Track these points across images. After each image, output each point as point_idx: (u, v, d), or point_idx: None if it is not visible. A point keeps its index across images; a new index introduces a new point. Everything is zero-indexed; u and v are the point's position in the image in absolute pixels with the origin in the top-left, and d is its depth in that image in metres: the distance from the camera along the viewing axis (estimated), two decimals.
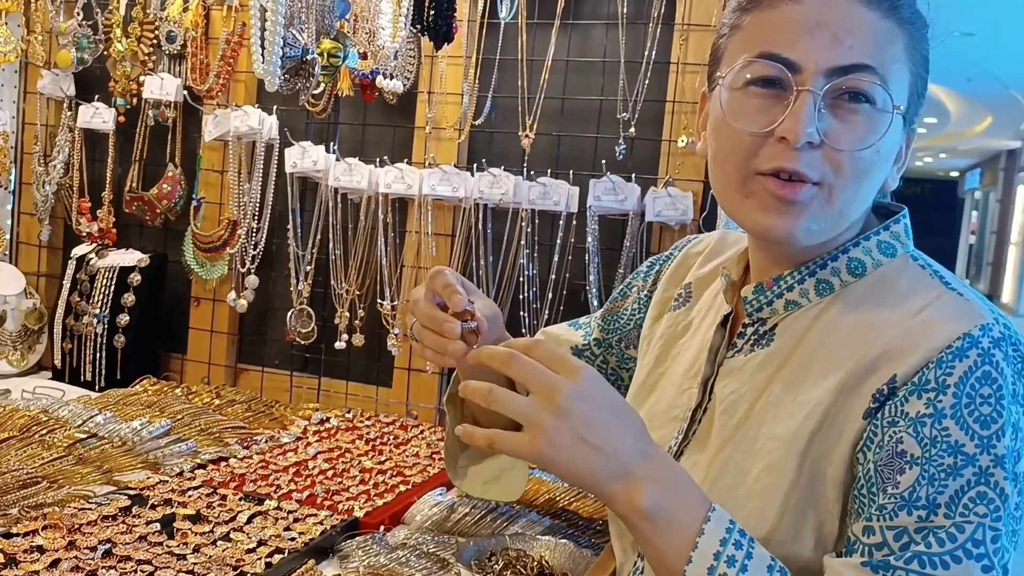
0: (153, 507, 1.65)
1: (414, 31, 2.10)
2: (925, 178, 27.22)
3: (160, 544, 1.51)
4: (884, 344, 0.85)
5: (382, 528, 1.70)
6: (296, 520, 1.67)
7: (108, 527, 1.55)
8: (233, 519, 1.64)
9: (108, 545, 1.48)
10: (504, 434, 0.84)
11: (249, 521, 1.64)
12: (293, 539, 1.58)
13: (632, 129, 2.26)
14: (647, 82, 2.26)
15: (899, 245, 0.94)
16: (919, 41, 0.90)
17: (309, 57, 1.69)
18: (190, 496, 1.73)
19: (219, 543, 1.54)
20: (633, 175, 2.27)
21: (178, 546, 1.51)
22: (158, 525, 1.57)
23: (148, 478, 1.81)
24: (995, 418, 0.80)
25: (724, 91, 0.91)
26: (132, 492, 1.72)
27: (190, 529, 1.57)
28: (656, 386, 1.09)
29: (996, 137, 16.86)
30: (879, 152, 0.87)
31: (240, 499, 1.74)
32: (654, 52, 2.25)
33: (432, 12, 1.78)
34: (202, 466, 1.93)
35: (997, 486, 0.79)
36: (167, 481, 1.80)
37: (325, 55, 1.84)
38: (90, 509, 1.61)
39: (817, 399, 0.87)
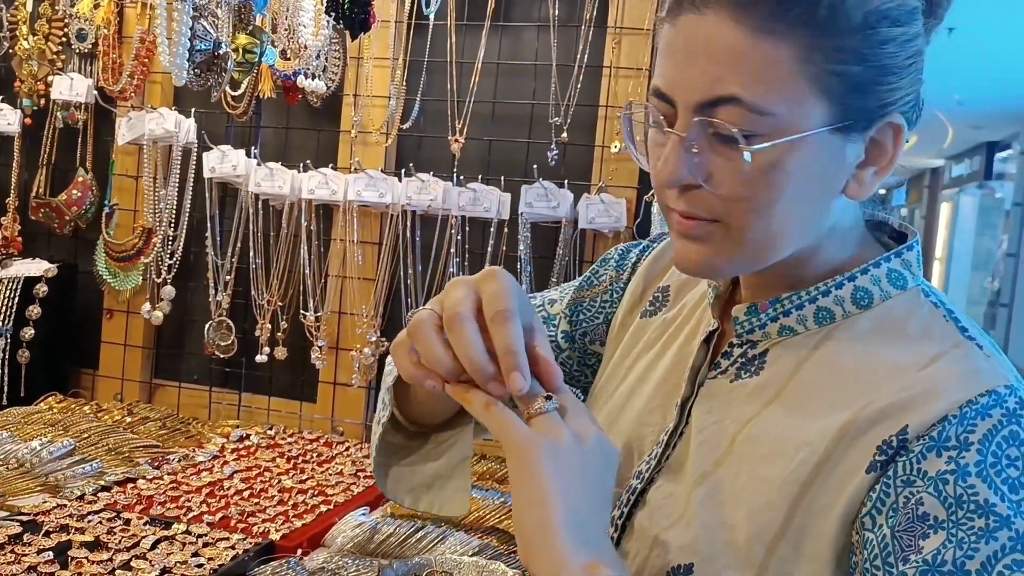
0: (47, 534, 1.53)
1: (337, 28, 2.01)
2: None
3: (51, 575, 1.38)
4: (895, 392, 0.77)
5: (299, 552, 1.60)
6: (206, 545, 1.56)
7: None
8: (136, 545, 1.52)
9: None
10: (505, 409, 0.72)
11: (154, 547, 1.53)
12: (201, 565, 1.47)
13: (564, 134, 2.21)
14: (579, 86, 2.20)
15: (910, 276, 0.85)
16: (829, 37, 0.74)
17: (221, 51, 1.59)
18: (89, 521, 1.60)
19: (118, 572, 1.42)
20: (566, 181, 2.21)
21: None
22: (51, 554, 1.45)
23: (44, 502, 1.68)
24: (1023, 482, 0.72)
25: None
26: (25, 518, 1.59)
27: (86, 557, 1.45)
28: (620, 395, 0.99)
29: (921, 156, 17.38)
30: (789, 180, 0.77)
31: (145, 523, 1.62)
32: (586, 56, 2.19)
33: (348, 0, 1.69)
34: (106, 488, 1.80)
35: None
36: (65, 505, 1.67)
37: (240, 51, 1.74)
38: None
39: (812, 443, 0.79)
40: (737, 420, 0.85)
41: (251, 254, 2.41)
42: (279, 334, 2.41)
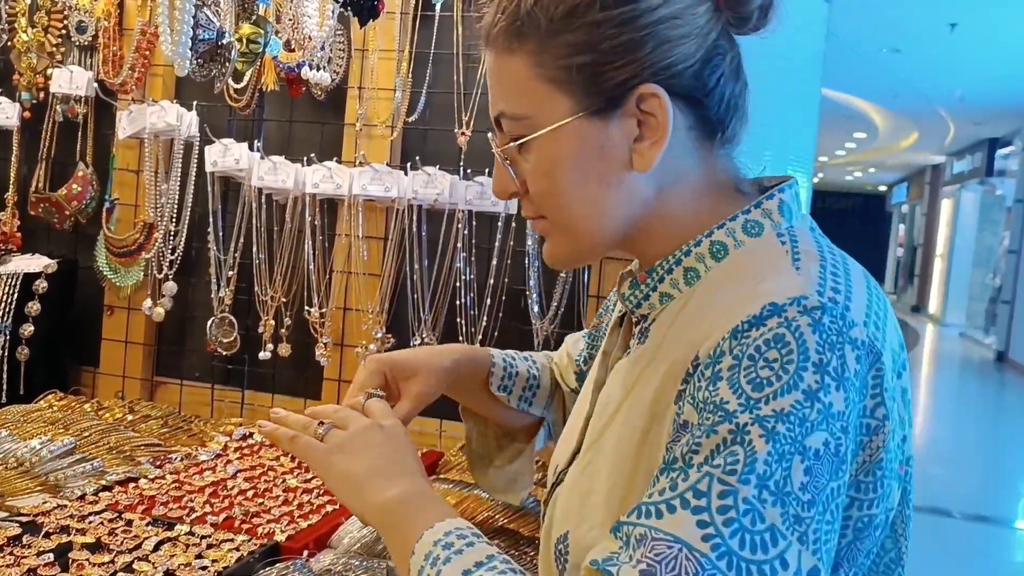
0: (47, 535, 1.49)
1: (343, 19, 1.97)
2: (854, 192, 27.95)
3: None
4: (703, 328, 0.80)
5: (305, 553, 1.56)
6: (210, 546, 1.52)
7: None
8: (138, 547, 1.48)
9: None
10: (304, 437, 0.96)
11: (156, 549, 1.49)
12: (205, 568, 1.43)
13: None
14: None
15: (769, 223, 0.86)
16: (551, 38, 0.84)
17: (225, 41, 1.55)
18: (91, 522, 1.56)
19: (120, 575, 1.38)
20: None
21: None
22: (51, 556, 1.41)
23: (44, 503, 1.64)
24: (772, 382, 0.72)
25: None
26: (24, 519, 1.55)
27: (87, 559, 1.41)
28: (583, 393, 1.07)
29: (922, 152, 17.37)
30: (562, 167, 0.86)
31: (147, 524, 1.58)
32: None
33: None
34: (108, 488, 1.76)
35: (749, 445, 0.70)
36: (66, 505, 1.63)
37: (244, 40, 1.70)
38: None
39: (650, 395, 0.84)
40: (623, 389, 0.91)
41: (254, 249, 2.37)
42: (283, 330, 2.37)
